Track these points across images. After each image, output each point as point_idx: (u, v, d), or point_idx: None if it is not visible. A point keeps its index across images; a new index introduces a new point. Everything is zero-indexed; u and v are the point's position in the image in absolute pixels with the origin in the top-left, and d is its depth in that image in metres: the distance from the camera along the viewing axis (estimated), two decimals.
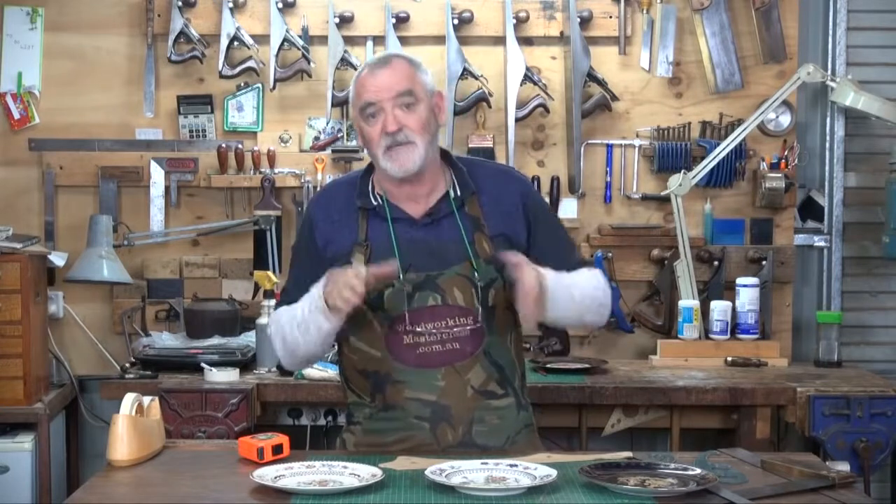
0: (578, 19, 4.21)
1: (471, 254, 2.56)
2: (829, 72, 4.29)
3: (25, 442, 3.80)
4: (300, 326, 2.57)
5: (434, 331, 2.55)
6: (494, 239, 2.59)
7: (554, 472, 2.26)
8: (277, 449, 2.47)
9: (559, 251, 2.67)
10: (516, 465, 2.33)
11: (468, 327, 2.56)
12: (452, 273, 2.55)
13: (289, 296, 2.68)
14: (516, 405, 2.65)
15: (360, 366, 2.62)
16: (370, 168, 2.65)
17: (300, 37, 4.23)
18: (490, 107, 4.25)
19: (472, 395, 2.57)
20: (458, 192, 2.61)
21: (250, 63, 4.22)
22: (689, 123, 4.31)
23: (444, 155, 2.66)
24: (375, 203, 2.61)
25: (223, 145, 4.24)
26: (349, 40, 4.25)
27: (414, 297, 2.54)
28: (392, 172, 2.53)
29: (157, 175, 4.28)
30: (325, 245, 2.62)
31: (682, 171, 4.17)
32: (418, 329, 2.55)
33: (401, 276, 2.53)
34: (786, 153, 4.29)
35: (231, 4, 4.20)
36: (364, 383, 2.62)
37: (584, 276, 2.64)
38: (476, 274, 2.56)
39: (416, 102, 2.53)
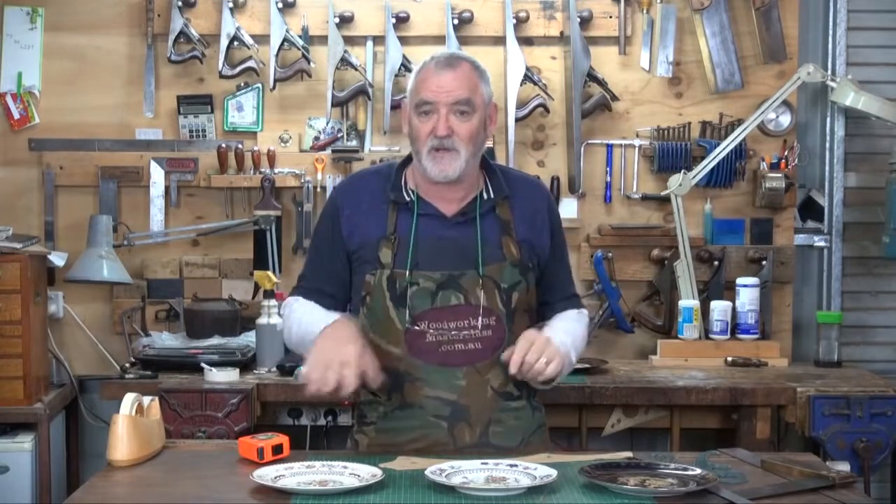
0: (578, 19, 4.21)
1: (497, 257, 2.58)
2: (829, 72, 4.29)
3: (25, 442, 3.80)
4: (302, 338, 2.62)
5: (456, 330, 2.56)
6: (522, 244, 2.61)
7: (554, 472, 2.26)
8: (277, 449, 2.47)
9: (562, 278, 2.74)
10: (516, 465, 2.33)
11: (490, 328, 2.57)
12: (478, 274, 2.55)
13: (306, 282, 2.71)
14: (530, 407, 2.66)
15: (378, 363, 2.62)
16: (405, 162, 2.65)
17: (300, 37, 4.23)
18: None
19: (492, 396, 2.59)
20: (491, 195, 2.62)
21: (250, 63, 4.22)
22: (689, 123, 4.31)
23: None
24: (408, 199, 2.60)
25: (223, 145, 4.24)
26: (349, 40, 4.25)
27: (437, 295, 2.55)
28: (431, 175, 2.54)
29: (157, 175, 4.28)
30: (350, 234, 2.62)
31: (682, 171, 4.17)
32: (440, 327, 2.55)
33: (408, 274, 2.54)
34: (786, 153, 4.29)
35: (231, 4, 4.20)
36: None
37: (579, 328, 2.70)
38: (501, 276, 2.57)
39: (471, 112, 2.53)
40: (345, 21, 4.24)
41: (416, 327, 2.55)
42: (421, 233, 2.57)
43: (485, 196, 2.62)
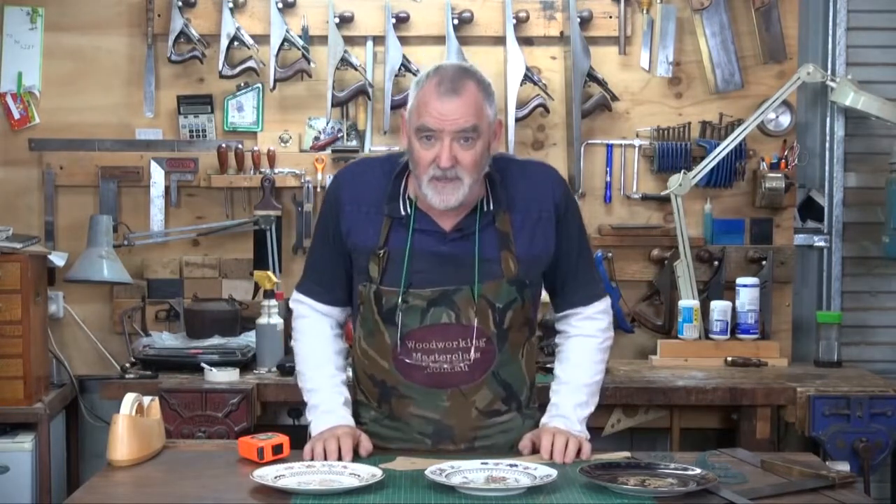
0: (578, 19, 4.21)
1: (495, 273, 2.49)
2: (829, 72, 4.29)
3: (25, 442, 3.79)
4: (303, 384, 2.65)
5: (444, 351, 2.50)
6: (521, 259, 2.52)
7: (554, 472, 2.27)
8: (277, 449, 2.47)
9: (576, 269, 2.62)
10: (516, 465, 2.33)
11: (479, 349, 2.50)
12: (472, 291, 2.48)
13: (313, 275, 2.65)
14: (520, 416, 2.63)
15: (369, 371, 2.60)
16: (404, 169, 2.52)
17: (300, 37, 4.23)
18: None
19: (476, 416, 2.56)
20: (491, 207, 2.51)
21: (250, 63, 4.22)
22: (689, 123, 4.31)
23: None
24: (404, 213, 2.50)
25: (223, 145, 4.24)
26: (349, 40, 4.25)
27: (428, 312, 2.49)
28: (431, 203, 2.43)
29: (157, 175, 4.28)
30: (348, 233, 2.54)
31: (682, 171, 4.17)
32: (428, 348, 2.50)
33: (400, 296, 2.48)
34: (786, 153, 4.29)
35: (231, 4, 4.20)
36: (372, 389, 2.61)
37: (593, 359, 2.65)
38: (497, 295, 2.50)
39: (476, 138, 2.39)
40: (345, 21, 4.24)
41: (403, 346, 2.51)
42: (416, 249, 2.49)
43: (485, 208, 2.51)
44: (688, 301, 4.14)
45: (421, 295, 2.49)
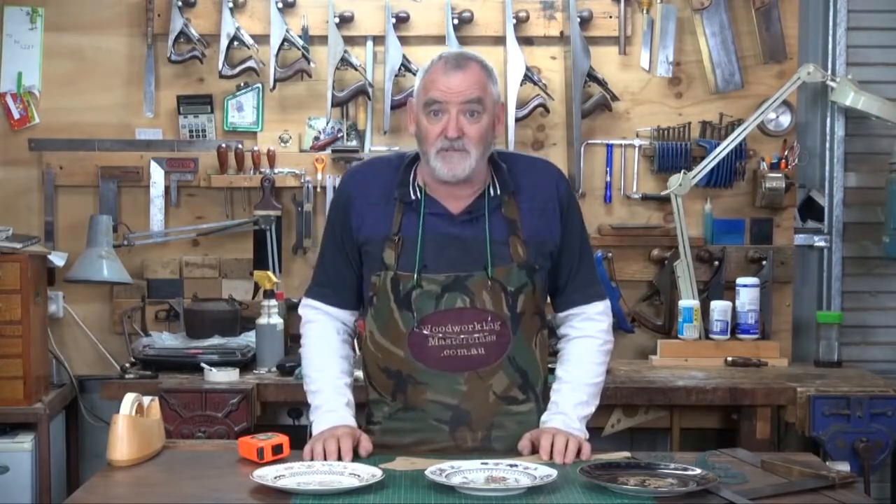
0: (578, 19, 4.21)
1: (504, 257, 2.54)
2: (829, 72, 4.29)
3: (25, 442, 3.80)
4: (308, 386, 2.66)
5: (460, 334, 2.53)
6: (528, 243, 2.56)
7: (554, 472, 2.27)
8: (277, 449, 2.47)
9: (577, 265, 2.65)
10: (516, 465, 2.33)
11: (495, 333, 2.54)
12: (484, 276, 2.52)
13: (322, 277, 2.68)
14: (537, 410, 2.64)
15: (382, 364, 2.61)
16: (414, 159, 2.60)
17: (300, 37, 4.23)
18: None
19: (494, 401, 2.57)
20: (497, 191, 2.58)
21: (250, 63, 4.22)
22: (689, 123, 4.31)
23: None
24: (414, 197, 2.56)
25: (223, 145, 4.24)
26: (349, 40, 4.25)
27: (442, 298, 2.52)
28: (440, 175, 2.50)
29: (157, 175, 4.28)
30: (360, 225, 2.58)
31: (682, 171, 4.17)
32: (444, 332, 2.53)
33: (415, 277, 2.51)
34: (786, 153, 4.29)
35: (231, 4, 4.20)
36: (386, 382, 2.61)
37: (594, 360, 2.66)
38: (508, 278, 2.54)
39: (481, 112, 2.49)
40: (345, 21, 4.24)
41: (419, 331, 2.53)
42: (427, 232, 2.54)
43: (491, 193, 2.57)
44: (688, 301, 4.14)
45: (435, 280, 2.52)
